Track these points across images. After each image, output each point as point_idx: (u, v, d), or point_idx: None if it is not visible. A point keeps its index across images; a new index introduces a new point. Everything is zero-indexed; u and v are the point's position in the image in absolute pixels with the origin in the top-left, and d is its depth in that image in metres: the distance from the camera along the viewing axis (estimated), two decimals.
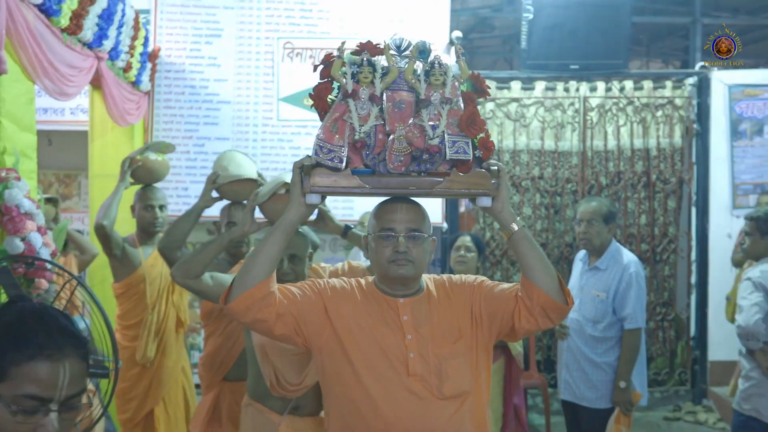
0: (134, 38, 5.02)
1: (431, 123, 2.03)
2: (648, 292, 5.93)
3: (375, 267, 2.20)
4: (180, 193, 5.94)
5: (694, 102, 6.35)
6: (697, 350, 6.35)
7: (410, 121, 2.05)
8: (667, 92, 6.32)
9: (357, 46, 2.10)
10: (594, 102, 6.28)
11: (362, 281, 2.24)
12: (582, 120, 6.28)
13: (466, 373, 2.11)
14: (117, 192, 4.07)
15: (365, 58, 2.06)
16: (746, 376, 3.79)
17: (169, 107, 6.00)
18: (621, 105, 6.29)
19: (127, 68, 5.05)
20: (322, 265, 3.29)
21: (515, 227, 2.08)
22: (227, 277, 2.82)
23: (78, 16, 3.78)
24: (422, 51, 2.08)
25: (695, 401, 6.24)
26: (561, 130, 6.29)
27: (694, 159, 6.38)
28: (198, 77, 6.03)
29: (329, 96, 2.11)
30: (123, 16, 4.57)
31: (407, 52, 2.10)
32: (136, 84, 5.37)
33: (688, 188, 6.37)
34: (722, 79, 6.32)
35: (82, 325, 2.91)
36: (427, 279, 2.25)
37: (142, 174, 4.20)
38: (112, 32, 4.38)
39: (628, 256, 3.89)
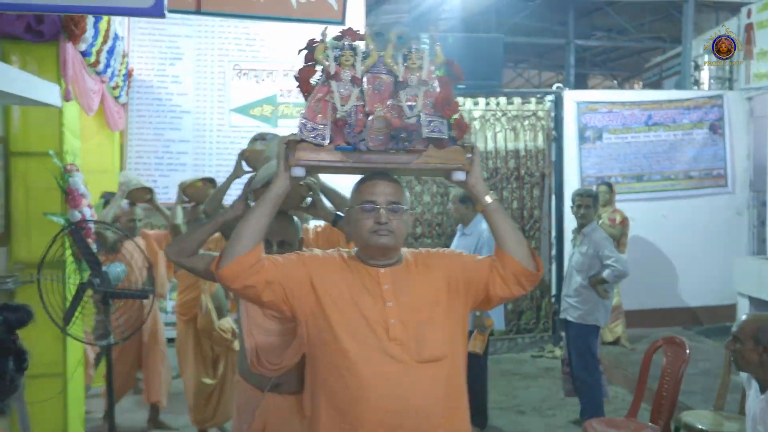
0: (121, 63, 6.47)
1: (409, 103, 2.10)
2: None
3: (357, 238, 2.26)
4: (151, 185, 7.39)
5: (552, 114, 8.23)
6: (556, 305, 8.22)
7: (389, 102, 2.13)
8: (532, 107, 8.19)
9: (339, 32, 2.20)
10: (476, 113, 8.07)
11: (344, 253, 2.31)
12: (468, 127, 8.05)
13: (443, 339, 2.19)
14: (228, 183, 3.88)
15: (347, 43, 2.15)
16: (586, 299, 5.43)
17: (141, 116, 7.45)
18: (497, 116, 8.10)
19: (115, 86, 6.50)
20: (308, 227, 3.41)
21: (488, 200, 2.22)
22: (213, 254, 2.76)
23: (98, 53, 5.26)
24: (400, 37, 2.18)
25: (554, 343, 8.12)
26: None
27: (553, 158, 8.26)
28: (164, 92, 7.50)
29: (312, 79, 2.17)
30: (115, 48, 6.03)
31: (386, 38, 2.18)
32: (118, 98, 6.81)
33: (548, 180, 8.24)
34: (572, 98, 8.24)
35: (120, 269, 4.43)
36: (407, 251, 2.33)
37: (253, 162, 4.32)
38: (112, 62, 5.85)
39: (485, 224, 5.60)
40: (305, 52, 2.18)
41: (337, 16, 4.98)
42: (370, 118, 2.12)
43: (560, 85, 8.38)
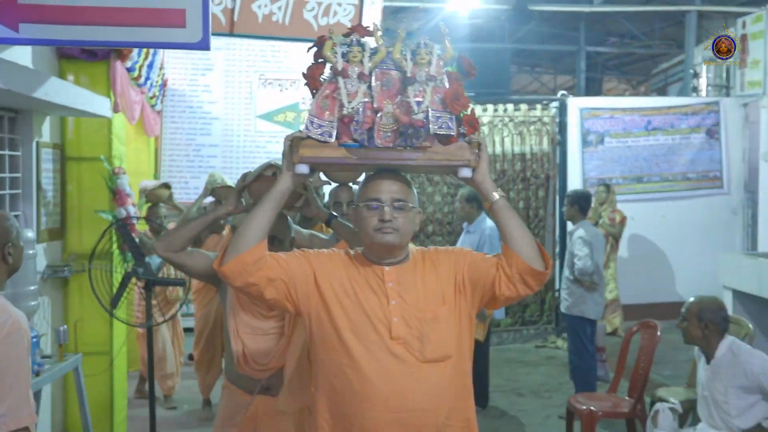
0: (158, 75, 7.12)
1: (416, 99, 2.08)
2: None
3: (362, 236, 2.24)
4: (183, 185, 8.04)
5: (557, 120, 8.76)
6: (559, 299, 8.73)
7: (397, 99, 2.11)
8: (538, 113, 8.72)
9: (348, 28, 2.20)
10: (485, 119, 8.62)
11: (351, 251, 2.29)
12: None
13: (448, 338, 2.16)
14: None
15: (355, 39, 2.14)
16: (573, 292, 5.99)
17: (174, 122, 8.11)
18: (505, 121, 8.65)
19: (153, 96, 7.14)
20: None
21: (496, 196, 2.17)
22: (208, 253, 2.81)
23: (140, 68, 5.90)
24: (409, 32, 2.15)
25: (557, 334, 8.65)
26: None
27: (557, 161, 8.79)
28: (195, 100, 8.15)
29: (321, 76, 2.17)
30: (154, 62, 6.67)
31: (395, 34, 2.16)
32: (154, 106, 7.46)
33: (553, 182, 8.77)
34: (575, 104, 8.77)
35: (159, 260, 5.05)
36: (414, 249, 2.29)
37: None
38: (151, 75, 6.50)
39: (488, 222, 6.13)
40: (314, 49, 2.19)
41: None
42: (378, 114, 2.11)
43: (565, 92, 8.92)
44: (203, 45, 3.10)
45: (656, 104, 8.98)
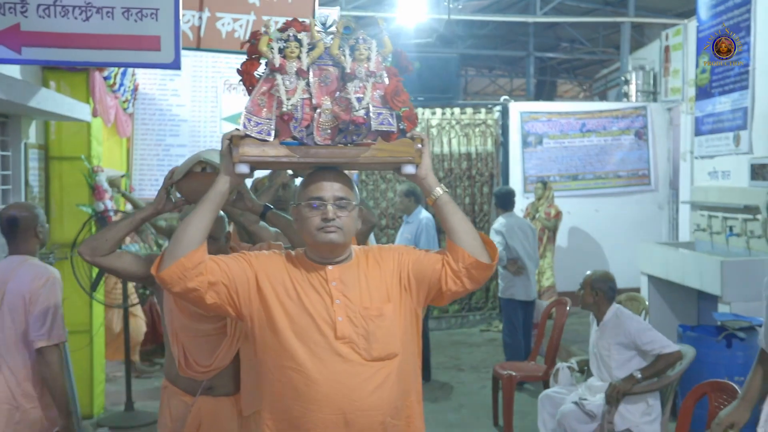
0: (130, 80, 7.74)
1: (357, 95, 2.05)
2: None
3: (304, 236, 2.19)
4: (153, 183, 8.65)
5: (500, 122, 9.54)
6: None
7: (336, 95, 2.08)
8: (482, 116, 9.49)
9: (284, 23, 2.13)
10: (434, 122, 9.36)
11: (292, 252, 2.25)
12: (426, 134, 9.35)
13: (394, 336, 2.15)
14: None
15: (291, 34, 2.07)
16: (504, 277, 6.79)
17: (145, 124, 8.72)
18: (452, 124, 9.40)
19: (125, 100, 7.75)
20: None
21: (439, 192, 2.16)
22: (137, 256, 2.72)
23: (115, 76, 6.52)
24: (347, 27, 2.11)
25: (501, 320, 9.42)
26: None
27: (500, 160, 9.57)
28: (165, 103, 8.77)
29: (256, 72, 2.11)
30: (127, 69, 7.29)
31: (332, 29, 2.12)
32: (126, 109, 8.06)
33: (496, 180, 9.55)
34: (516, 108, 9.57)
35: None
36: (358, 248, 2.27)
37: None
38: (124, 81, 7.12)
39: (423, 213, 6.77)
40: (249, 45, 2.13)
41: None
42: (317, 111, 2.07)
43: (507, 97, 9.72)
44: (175, 65, 3.78)
45: (590, 108, 9.82)
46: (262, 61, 2.11)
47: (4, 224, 3.46)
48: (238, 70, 2.15)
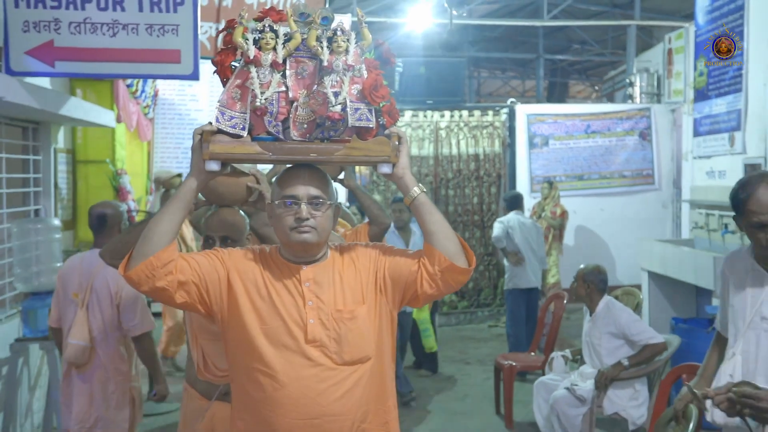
0: (151, 87, 8.11)
1: (333, 90, 1.97)
2: (479, 247, 9.43)
3: (278, 235, 2.14)
4: None
5: (507, 124, 9.82)
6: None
7: (314, 88, 2.00)
8: (490, 118, 9.78)
9: (259, 12, 2.05)
10: (443, 124, 9.66)
11: (267, 249, 2.19)
12: (435, 136, 9.68)
13: (367, 339, 2.09)
14: None
15: (267, 24, 2.00)
16: (508, 269, 7.12)
17: (164, 128, 9.10)
18: (460, 126, 9.69)
19: (146, 106, 8.13)
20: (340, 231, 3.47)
21: (416, 192, 2.07)
22: None
23: (137, 83, 6.89)
24: (325, 18, 2.03)
25: None
26: (421, 142, 9.67)
27: (507, 161, 9.85)
28: (183, 108, 9.14)
29: (231, 63, 2.04)
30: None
31: (310, 19, 2.04)
32: (147, 114, 8.44)
33: (503, 180, 9.83)
34: (523, 111, 9.84)
35: None
36: (333, 247, 2.20)
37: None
38: (146, 87, 7.49)
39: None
40: (224, 34, 2.06)
41: None
42: (294, 105, 2.00)
43: (513, 100, 10.01)
44: (194, 76, 4.13)
45: (595, 110, 10.08)
46: (239, 53, 2.04)
47: (93, 220, 3.90)
48: (212, 61, 2.10)
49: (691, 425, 2.75)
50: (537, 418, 4.85)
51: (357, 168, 8.39)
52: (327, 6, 6.21)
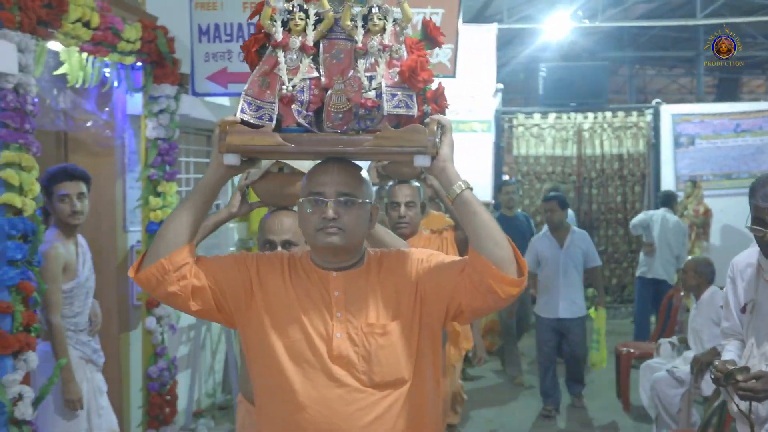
0: None
1: (368, 74, 1.77)
2: (622, 245, 9.75)
3: (305, 236, 1.93)
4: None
5: (651, 124, 9.96)
6: None
7: (350, 74, 1.80)
8: (634, 119, 9.98)
9: None
10: (586, 125, 9.99)
11: (298, 254, 1.97)
12: (578, 137, 10.03)
13: (401, 358, 1.84)
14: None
15: (297, 4, 1.82)
16: (641, 258, 7.47)
17: None
18: (604, 127, 9.97)
19: None
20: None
21: (460, 187, 1.76)
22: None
23: None
24: None
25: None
26: (565, 143, 10.05)
27: (651, 160, 9.99)
28: None
29: (258, 49, 1.87)
30: None
31: None
32: None
33: (648, 179, 9.98)
34: (668, 111, 9.94)
35: None
36: (372, 251, 1.96)
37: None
38: None
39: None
40: (255, 18, 1.89)
41: (449, 72, 5.69)
42: (328, 92, 1.81)
43: (659, 100, 10.13)
44: None
45: (745, 109, 9.96)
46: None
47: None
48: (241, 47, 1.98)
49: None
50: (642, 398, 5.24)
51: None
52: None
